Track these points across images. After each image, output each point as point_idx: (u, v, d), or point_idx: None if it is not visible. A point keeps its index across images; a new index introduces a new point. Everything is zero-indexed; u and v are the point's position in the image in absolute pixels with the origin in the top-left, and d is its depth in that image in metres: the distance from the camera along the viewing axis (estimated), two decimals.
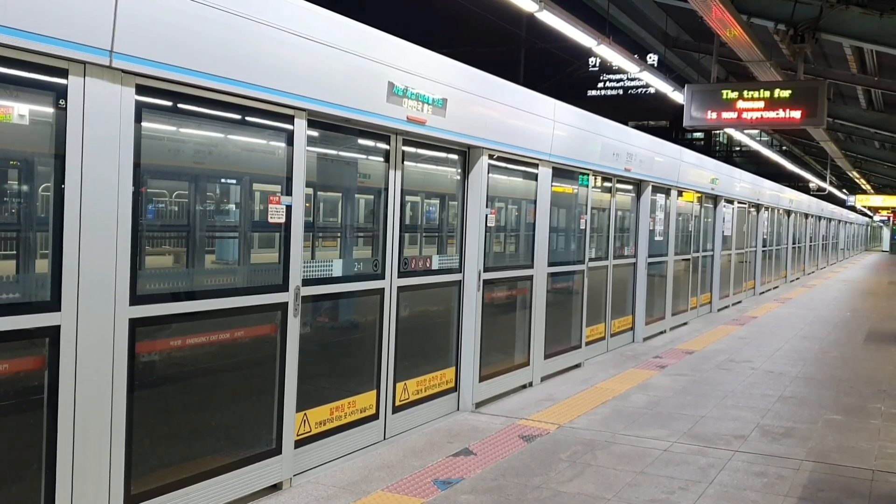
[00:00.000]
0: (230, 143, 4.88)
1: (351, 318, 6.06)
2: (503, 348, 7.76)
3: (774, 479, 5.37)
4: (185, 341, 4.38)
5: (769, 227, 21.22)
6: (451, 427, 6.42)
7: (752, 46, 9.25)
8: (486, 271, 7.14)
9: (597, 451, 5.89)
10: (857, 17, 9.80)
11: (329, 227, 7.11)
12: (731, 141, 77.53)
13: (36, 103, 3.52)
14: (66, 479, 3.61)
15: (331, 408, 5.51)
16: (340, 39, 5.06)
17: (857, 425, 6.84)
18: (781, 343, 11.47)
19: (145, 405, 4.06)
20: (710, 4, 7.71)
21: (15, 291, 3.70)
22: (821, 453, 5.99)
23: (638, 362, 9.62)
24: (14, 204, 3.93)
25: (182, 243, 5.13)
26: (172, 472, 4.26)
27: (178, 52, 3.97)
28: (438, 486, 5.01)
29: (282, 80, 4.63)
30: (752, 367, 9.48)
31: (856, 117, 18.77)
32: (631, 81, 38.19)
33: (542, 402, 7.37)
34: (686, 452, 5.92)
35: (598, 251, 10.11)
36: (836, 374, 9.13)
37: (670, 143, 12.78)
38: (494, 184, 7.30)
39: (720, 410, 7.23)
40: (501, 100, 7.16)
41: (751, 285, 19.31)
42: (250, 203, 5.26)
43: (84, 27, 3.50)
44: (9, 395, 3.53)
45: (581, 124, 8.84)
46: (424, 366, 6.59)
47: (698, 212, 14.51)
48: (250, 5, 4.35)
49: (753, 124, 9.72)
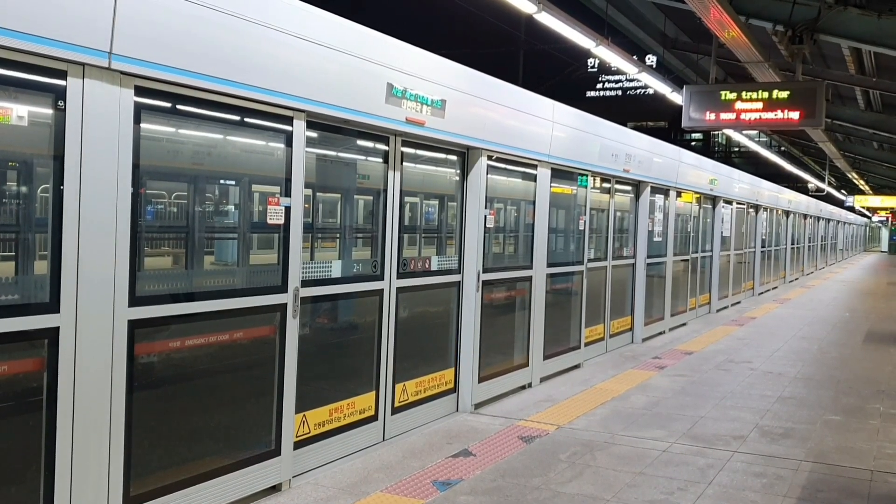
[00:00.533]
0: (229, 144, 4.89)
1: (350, 319, 6.06)
2: (502, 349, 7.76)
3: (773, 480, 5.37)
4: (184, 342, 4.38)
5: (768, 228, 21.24)
6: (451, 428, 6.42)
7: (750, 47, 9.28)
8: (485, 272, 7.14)
9: (596, 451, 5.89)
10: (855, 18, 9.82)
11: (328, 228, 7.11)
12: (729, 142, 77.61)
13: (35, 105, 3.52)
14: (65, 481, 3.61)
15: (330, 409, 5.51)
16: (339, 41, 5.06)
17: (856, 426, 6.84)
18: (780, 343, 11.47)
19: (144, 406, 4.05)
20: (708, 5, 7.72)
21: (14, 293, 3.69)
22: (820, 454, 5.99)
23: (637, 363, 9.62)
24: (13, 205, 3.93)
25: (181, 244, 5.13)
26: (171, 473, 4.25)
27: (176, 53, 3.97)
28: (438, 488, 5.01)
29: (280, 81, 4.63)
30: (751, 367, 9.48)
31: (854, 118, 18.80)
32: (630, 82, 38.26)
33: (541, 402, 7.37)
34: (685, 453, 5.92)
35: (596, 252, 10.11)
36: (834, 375, 9.13)
37: (669, 144, 12.79)
38: (493, 185, 7.31)
39: (719, 411, 7.24)
40: (500, 101, 7.17)
41: (750, 286, 19.32)
42: (249, 204, 5.26)
43: (83, 29, 3.50)
44: (8, 396, 3.53)
45: (580, 125, 8.85)
46: (423, 367, 6.59)
47: (697, 212, 14.52)
48: (249, 7, 4.35)
49: (752, 125, 9.74)
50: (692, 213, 14.24)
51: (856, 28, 9.97)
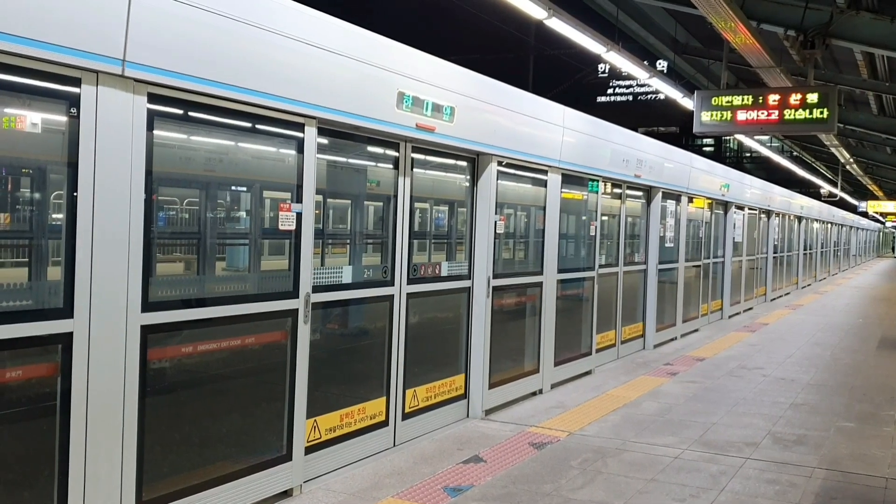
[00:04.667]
0: (241, 150, 4.91)
1: (360, 324, 6.07)
2: (513, 355, 7.75)
3: (786, 487, 5.34)
4: (196, 348, 4.40)
5: (780, 234, 21.14)
6: (461, 434, 6.42)
7: (761, 52, 9.24)
8: (495, 278, 7.14)
9: (607, 458, 5.87)
10: (867, 23, 9.77)
11: (339, 234, 7.12)
12: (741, 147, 77.33)
13: (49, 112, 3.55)
14: (78, 485, 3.63)
15: (341, 414, 5.51)
16: (350, 47, 5.08)
17: (870, 433, 6.79)
18: (793, 350, 11.40)
19: (156, 411, 4.07)
20: (720, 11, 7.70)
21: (28, 298, 3.72)
22: (833, 461, 5.95)
23: (649, 369, 9.59)
24: (27, 212, 3.96)
25: (193, 250, 5.15)
26: (183, 478, 4.27)
27: (189, 60, 4.00)
28: (449, 494, 5.00)
29: (292, 88, 4.65)
30: (764, 374, 9.43)
31: (867, 123, 18.70)
32: (640, 88, 38.21)
33: (552, 409, 7.35)
34: (697, 460, 5.89)
35: (608, 258, 10.09)
36: (848, 381, 9.07)
37: (680, 150, 12.75)
38: (503, 190, 7.31)
39: (731, 418, 7.20)
40: (510, 106, 7.17)
41: (762, 292, 19.23)
42: (261, 210, 5.28)
43: (97, 37, 3.53)
44: (22, 401, 3.56)
45: (590, 130, 8.84)
46: (434, 372, 6.59)
47: (709, 218, 14.47)
48: (261, 14, 4.38)
49: (764, 130, 9.70)
50: (704, 219, 14.19)
51: (868, 32, 9.92)
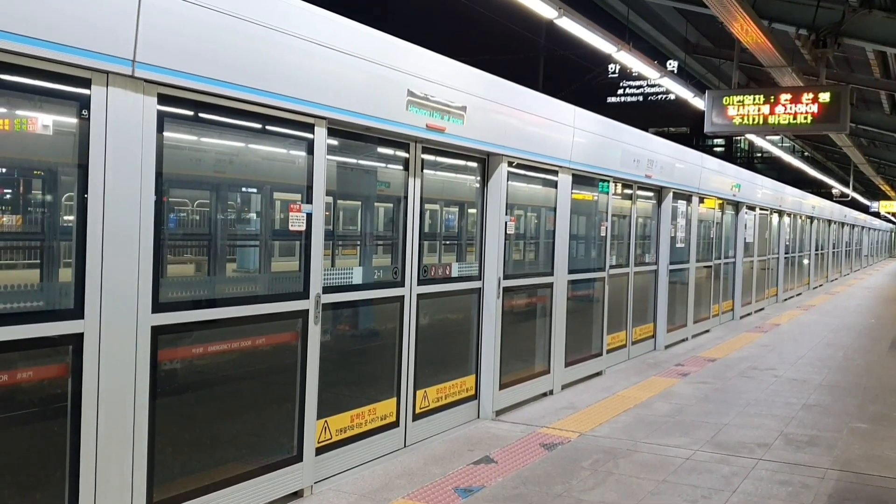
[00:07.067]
0: (251, 151, 4.92)
1: (371, 325, 6.07)
2: (523, 356, 7.73)
3: (799, 488, 5.30)
4: (206, 349, 4.41)
5: (791, 234, 21.03)
6: (472, 435, 6.40)
7: (773, 52, 9.19)
8: (505, 279, 7.12)
9: (619, 459, 5.84)
10: (880, 22, 9.70)
11: (349, 235, 7.13)
12: (752, 147, 76.91)
13: (59, 113, 3.56)
14: (89, 486, 3.63)
15: (351, 415, 5.51)
16: (360, 48, 5.08)
17: (884, 434, 6.74)
18: (805, 350, 11.34)
19: (167, 412, 4.08)
20: (731, 11, 7.66)
21: (39, 299, 3.73)
22: (846, 462, 5.90)
23: (660, 370, 9.55)
24: (38, 213, 3.98)
25: (203, 251, 5.16)
26: (194, 479, 4.27)
27: (199, 61, 4.00)
28: (460, 494, 4.99)
29: (302, 88, 4.65)
30: (776, 374, 9.38)
31: (879, 122, 18.58)
32: (651, 88, 38.05)
33: (562, 410, 7.33)
34: (709, 461, 5.86)
35: (618, 258, 10.06)
36: (860, 382, 9.01)
37: (691, 150, 12.70)
38: (514, 191, 7.29)
39: (743, 418, 7.16)
40: (521, 107, 7.16)
41: (773, 292, 19.13)
42: (271, 211, 5.29)
43: (107, 37, 3.54)
44: (33, 402, 3.57)
45: (601, 131, 8.81)
46: (444, 373, 6.58)
47: (720, 218, 14.41)
48: (271, 15, 4.38)
49: (774, 130, 9.65)
50: (715, 219, 14.13)
51: (880, 31, 9.85)
